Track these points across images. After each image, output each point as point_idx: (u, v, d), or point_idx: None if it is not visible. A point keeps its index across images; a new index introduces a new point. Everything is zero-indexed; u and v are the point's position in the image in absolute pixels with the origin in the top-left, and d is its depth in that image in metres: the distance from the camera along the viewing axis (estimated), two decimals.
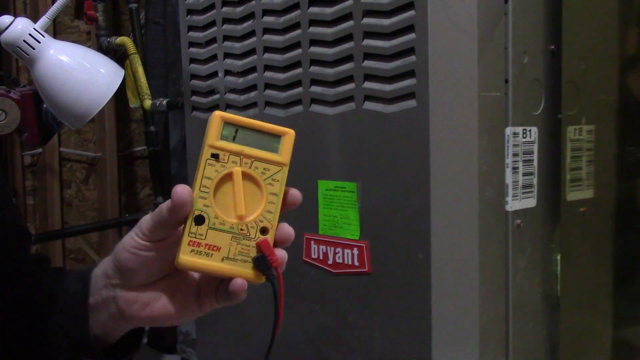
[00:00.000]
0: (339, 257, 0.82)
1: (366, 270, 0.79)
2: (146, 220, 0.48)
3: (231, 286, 0.46)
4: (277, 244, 0.48)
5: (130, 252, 0.48)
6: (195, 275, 0.51)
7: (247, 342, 1.00)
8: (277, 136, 0.47)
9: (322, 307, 0.86)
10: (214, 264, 0.46)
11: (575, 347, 0.81)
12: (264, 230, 0.46)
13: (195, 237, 0.46)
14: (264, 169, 0.46)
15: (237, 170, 0.46)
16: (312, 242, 0.85)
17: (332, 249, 0.83)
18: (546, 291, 0.78)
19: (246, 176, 0.46)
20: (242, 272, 0.46)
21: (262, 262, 0.46)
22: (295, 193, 0.48)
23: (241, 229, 0.46)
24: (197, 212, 0.46)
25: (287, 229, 0.48)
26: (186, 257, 0.45)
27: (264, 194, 0.46)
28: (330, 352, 0.85)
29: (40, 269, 0.63)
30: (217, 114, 0.47)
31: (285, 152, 0.47)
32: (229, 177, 0.46)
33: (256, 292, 0.50)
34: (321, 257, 0.84)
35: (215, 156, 0.46)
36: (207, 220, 0.46)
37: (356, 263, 0.80)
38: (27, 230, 0.68)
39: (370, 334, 0.79)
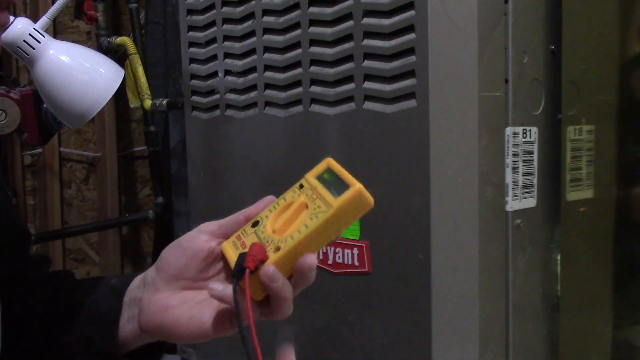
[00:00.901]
0: (339, 257, 0.82)
1: (366, 270, 0.79)
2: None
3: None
4: (297, 277, 0.48)
5: (186, 242, 0.52)
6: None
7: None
8: (346, 185, 0.49)
9: (322, 307, 0.86)
10: (231, 253, 0.50)
11: (575, 347, 0.81)
12: (277, 249, 0.47)
13: (242, 234, 0.51)
14: (318, 205, 0.48)
15: (301, 198, 0.50)
16: None
17: (332, 249, 0.83)
18: (546, 291, 0.78)
19: (304, 206, 0.49)
20: (227, 252, 0.50)
21: (242, 255, 0.47)
22: (305, 261, 0.47)
23: (266, 240, 0.49)
24: (257, 218, 0.51)
25: (309, 261, 0.47)
26: (226, 243, 0.51)
27: (302, 223, 0.48)
28: (330, 352, 0.85)
29: (42, 272, 0.63)
30: (328, 159, 0.51)
31: (341, 199, 0.48)
32: (294, 204, 0.51)
33: None
34: (321, 257, 0.84)
35: (301, 186, 0.51)
36: (258, 225, 0.50)
37: (356, 263, 0.80)
38: (27, 231, 0.68)
39: (370, 334, 0.79)
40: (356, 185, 0.48)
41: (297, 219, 0.49)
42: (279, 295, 0.47)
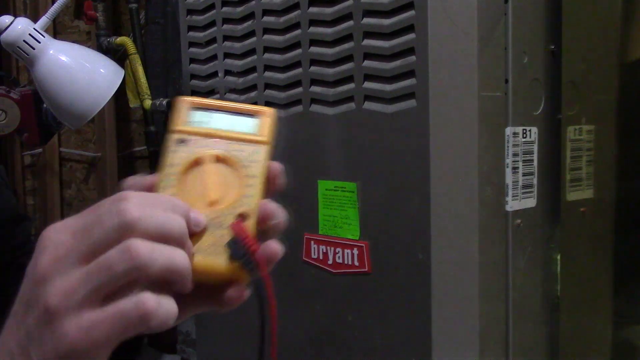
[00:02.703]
0: (339, 257, 0.82)
1: (366, 270, 0.79)
2: None
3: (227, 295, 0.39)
4: (264, 229, 0.40)
5: None
6: None
7: (248, 342, 1.00)
8: (254, 116, 0.42)
9: (322, 307, 0.86)
10: None
11: (575, 347, 0.81)
12: (242, 218, 0.39)
13: None
14: (239, 150, 0.40)
15: (207, 153, 0.40)
16: (312, 242, 0.85)
17: (332, 249, 0.83)
18: (546, 291, 0.78)
19: (219, 160, 0.40)
20: (215, 264, 0.38)
21: (236, 246, 0.38)
22: (275, 167, 0.42)
23: (214, 218, 0.38)
24: None
25: (269, 205, 0.40)
26: None
27: (241, 177, 0.40)
28: (330, 352, 0.85)
29: None
30: (183, 98, 0.42)
31: (264, 130, 0.41)
32: (198, 162, 0.40)
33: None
34: (321, 257, 0.84)
35: (182, 142, 0.41)
36: None
37: (356, 263, 0.80)
38: (25, 215, 0.68)
39: (370, 334, 0.79)
40: (266, 109, 0.42)
41: (227, 178, 0.40)
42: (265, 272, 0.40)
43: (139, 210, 0.35)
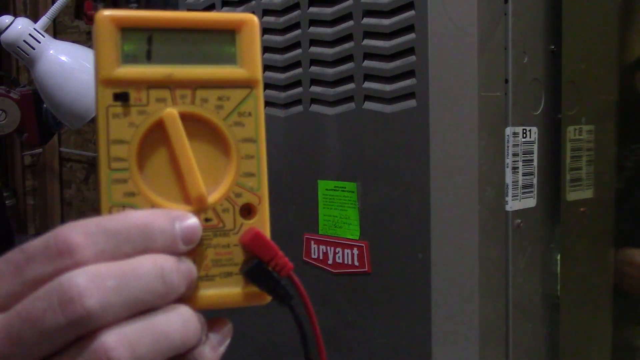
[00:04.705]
0: (339, 257, 0.82)
1: (366, 270, 0.79)
2: None
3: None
4: None
5: None
6: None
7: (247, 342, 1.00)
8: (226, 32, 0.27)
9: (322, 307, 0.86)
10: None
11: (575, 347, 0.81)
12: (248, 210, 0.28)
13: None
14: (218, 98, 0.27)
15: (170, 113, 0.26)
16: (312, 242, 0.85)
17: (332, 249, 0.83)
18: (546, 291, 0.78)
19: (189, 119, 0.26)
20: (228, 298, 0.30)
21: (260, 273, 0.31)
22: None
23: (207, 220, 0.27)
24: (115, 211, 0.26)
25: None
26: None
27: (230, 145, 0.27)
28: (330, 352, 0.85)
29: None
30: (105, 15, 0.26)
31: (249, 57, 0.27)
32: (157, 131, 0.26)
33: None
34: (321, 257, 0.84)
35: (121, 97, 0.25)
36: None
37: (356, 263, 0.80)
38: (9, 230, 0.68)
39: (370, 334, 0.79)
40: (244, 17, 0.27)
41: (207, 149, 0.27)
42: None
43: (95, 286, 0.23)
